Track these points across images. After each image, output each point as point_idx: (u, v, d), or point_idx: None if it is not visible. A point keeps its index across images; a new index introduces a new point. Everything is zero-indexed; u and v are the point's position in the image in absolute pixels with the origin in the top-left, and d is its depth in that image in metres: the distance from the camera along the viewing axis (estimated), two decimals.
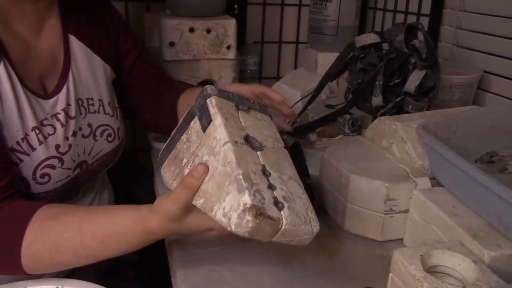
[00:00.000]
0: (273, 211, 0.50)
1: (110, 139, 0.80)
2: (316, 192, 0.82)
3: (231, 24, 1.12)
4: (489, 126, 0.75)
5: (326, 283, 0.63)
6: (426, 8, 1.19)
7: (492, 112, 0.76)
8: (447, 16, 1.15)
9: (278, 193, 0.53)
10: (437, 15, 1.16)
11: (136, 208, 0.60)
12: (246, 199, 0.49)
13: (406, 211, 0.70)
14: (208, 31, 1.11)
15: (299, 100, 1.06)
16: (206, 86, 0.60)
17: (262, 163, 0.55)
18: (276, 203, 0.52)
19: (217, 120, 0.56)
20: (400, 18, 1.31)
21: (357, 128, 0.91)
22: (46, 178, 0.69)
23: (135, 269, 0.92)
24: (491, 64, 1.04)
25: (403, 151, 0.76)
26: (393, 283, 0.55)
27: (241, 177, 0.50)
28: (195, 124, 0.58)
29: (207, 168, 0.54)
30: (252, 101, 0.64)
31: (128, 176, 1.11)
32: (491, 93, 1.04)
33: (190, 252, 0.67)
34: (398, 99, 0.89)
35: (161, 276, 0.78)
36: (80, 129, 0.75)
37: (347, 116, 0.91)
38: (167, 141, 0.62)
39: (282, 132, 0.72)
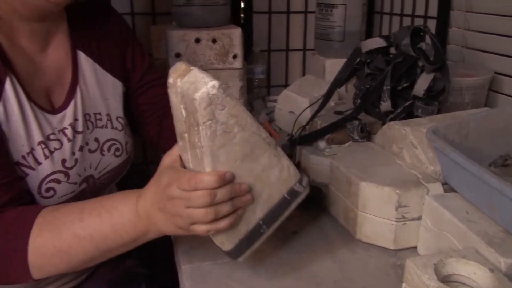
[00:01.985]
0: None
1: (117, 153, 0.80)
2: (326, 199, 0.81)
3: (236, 33, 1.12)
4: (501, 128, 0.73)
5: None
6: (433, 10, 1.18)
7: (503, 113, 0.74)
8: (455, 17, 1.13)
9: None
10: (445, 17, 1.14)
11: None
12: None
13: (419, 218, 0.68)
14: (214, 41, 1.11)
15: (307, 107, 1.04)
16: None
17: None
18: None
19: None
20: (407, 21, 1.30)
21: (366, 134, 0.90)
22: (51, 192, 0.69)
23: (146, 282, 0.91)
24: (502, 65, 1.02)
25: (413, 157, 0.74)
26: None
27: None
28: None
29: None
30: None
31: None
32: (504, 94, 1.02)
33: (199, 265, 0.66)
34: (407, 103, 0.88)
35: None
36: (87, 143, 0.75)
37: (356, 122, 0.89)
38: None
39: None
